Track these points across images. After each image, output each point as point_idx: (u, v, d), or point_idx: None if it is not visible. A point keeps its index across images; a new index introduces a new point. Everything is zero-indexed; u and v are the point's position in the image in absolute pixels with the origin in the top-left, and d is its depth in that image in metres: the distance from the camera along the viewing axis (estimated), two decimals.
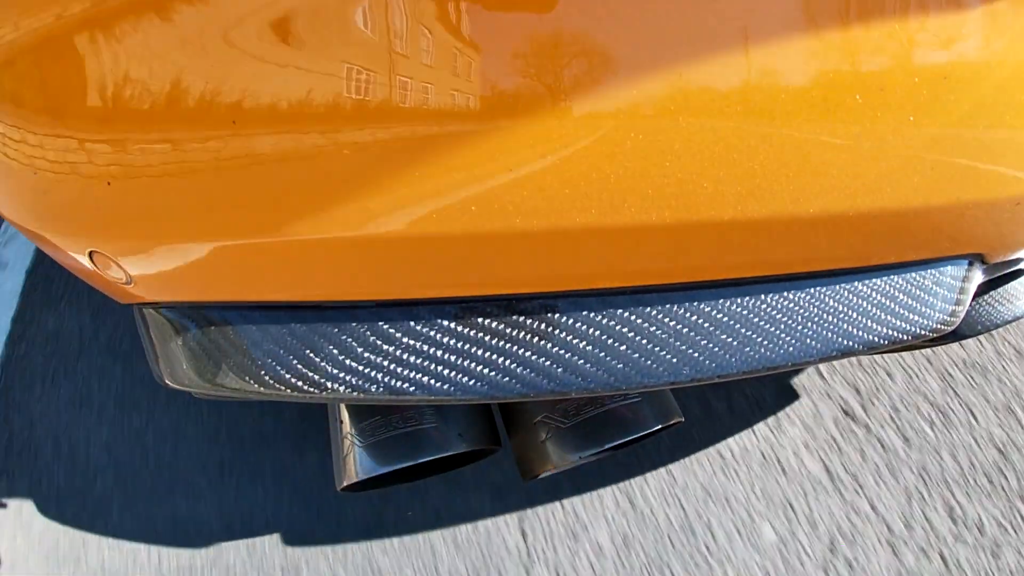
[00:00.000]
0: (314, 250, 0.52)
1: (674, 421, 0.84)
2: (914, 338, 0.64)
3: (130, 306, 0.69)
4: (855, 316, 0.62)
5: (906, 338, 0.64)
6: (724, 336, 0.59)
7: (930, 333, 0.65)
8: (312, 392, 0.57)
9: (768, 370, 0.61)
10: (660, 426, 0.82)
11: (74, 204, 0.56)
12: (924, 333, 0.65)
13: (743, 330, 0.59)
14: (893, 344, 0.64)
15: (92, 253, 0.60)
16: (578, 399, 0.81)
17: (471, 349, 0.56)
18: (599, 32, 0.46)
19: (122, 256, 0.59)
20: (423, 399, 0.57)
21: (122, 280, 0.62)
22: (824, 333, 0.61)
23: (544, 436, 0.82)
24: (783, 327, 0.60)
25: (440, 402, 0.59)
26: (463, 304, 0.56)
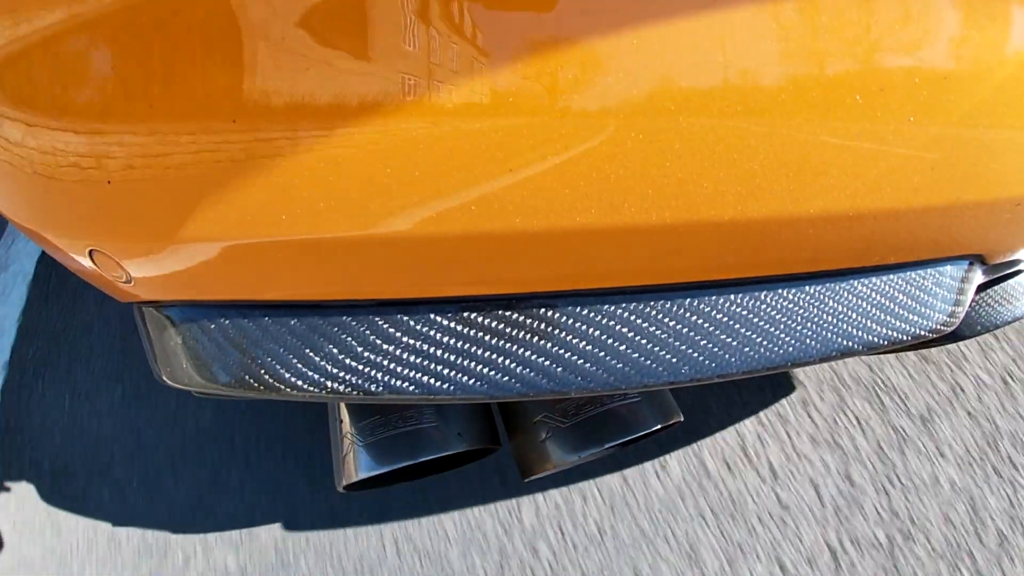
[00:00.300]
0: (314, 249, 0.52)
1: (674, 421, 0.84)
2: (914, 338, 0.65)
3: (130, 304, 0.69)
4: (855, 316, 0.62)
5: (906, 338, 0.64)
6: (724, 336, 0.59)
7: (930, 333, 0.65)
8: (312, 391, 0.57)
9: (768, 370, 0.61)
10: (660, 426, 0.82)
11: (74, 203, 0.56)
12: (924, 333, 0.65)
13: (743, 330, 0.59)
14: (893, 344, 0.64)
15: (92, 252, 0.60)
16: (578, 399, 0.81)
17: (471, 349, 0.56)
18: (599, 32, 0.46)
19: (122, 255, 0.58)
20: (423, 398, 0.57)
21: (122, 279, 0.62)
22: (824, 333, 0.61)
23: (544, 435, 0.82)
24: (783, 327, 0.60)
25: (440, 401, 0.59)
26: (463, 304, 0.56)
